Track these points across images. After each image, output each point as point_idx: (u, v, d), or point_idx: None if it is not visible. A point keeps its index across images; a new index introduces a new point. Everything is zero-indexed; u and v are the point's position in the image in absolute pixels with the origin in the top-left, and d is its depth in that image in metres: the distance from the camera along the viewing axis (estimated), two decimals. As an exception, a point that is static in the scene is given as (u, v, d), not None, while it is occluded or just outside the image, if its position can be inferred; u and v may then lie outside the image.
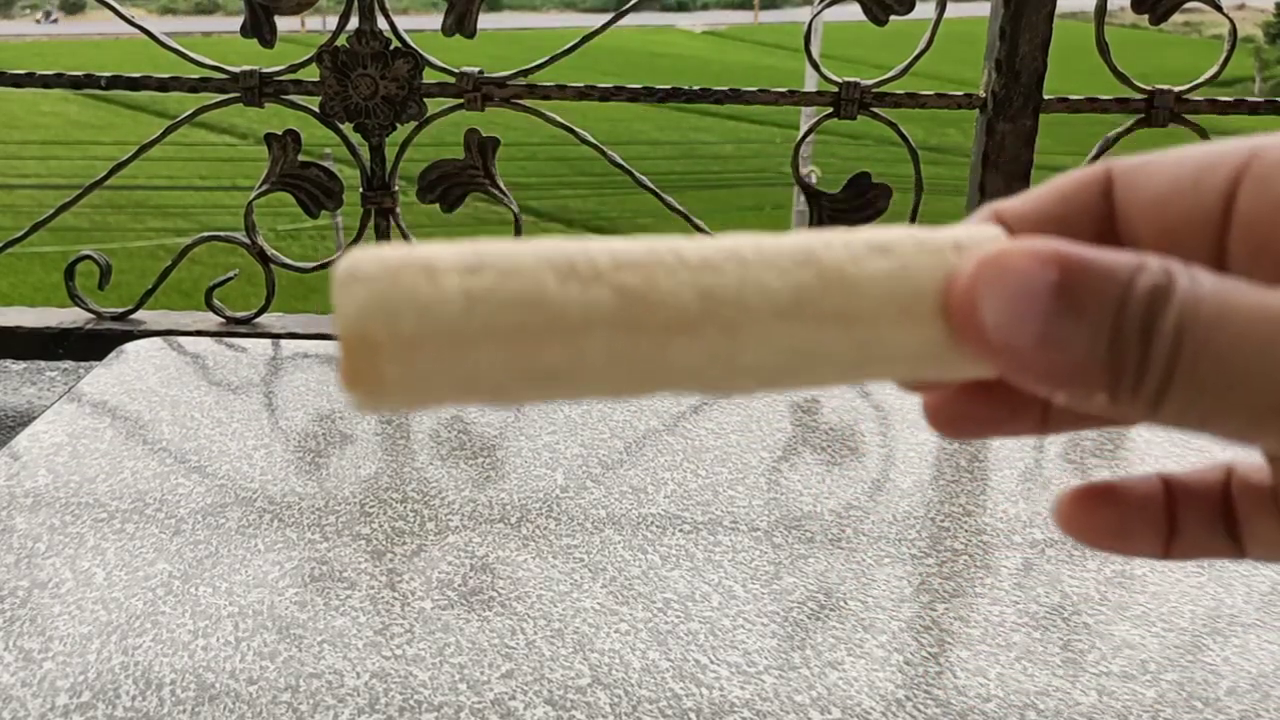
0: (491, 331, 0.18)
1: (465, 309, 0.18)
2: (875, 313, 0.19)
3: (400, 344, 0.19)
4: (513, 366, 0.18)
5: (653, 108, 14.65)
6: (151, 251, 10.68)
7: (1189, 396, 0.18)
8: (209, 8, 34.20)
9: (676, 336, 0.18)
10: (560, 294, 0.18)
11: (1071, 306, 0.18)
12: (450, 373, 0.18)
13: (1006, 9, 0.95)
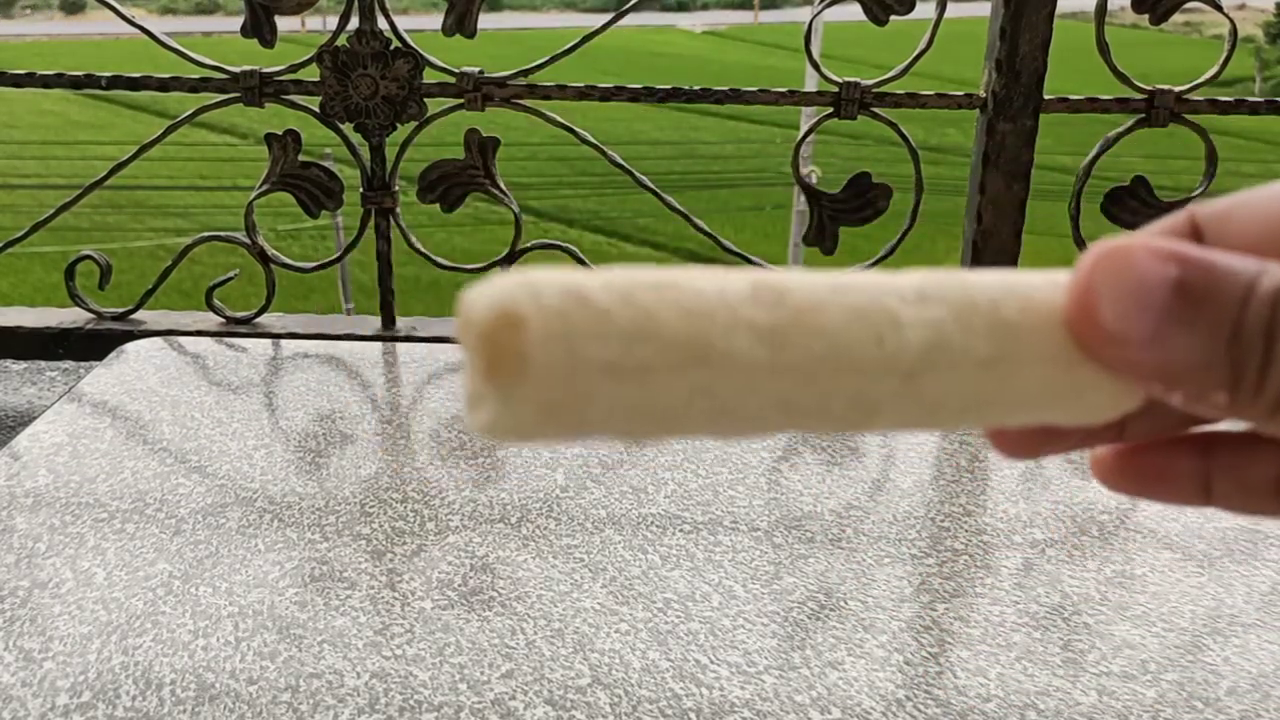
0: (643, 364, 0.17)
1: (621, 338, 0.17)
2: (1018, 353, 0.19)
3: (548, 319, 0.17)
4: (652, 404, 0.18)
5: (653, 108, 14.65)
6: (152, 251, 10.68)
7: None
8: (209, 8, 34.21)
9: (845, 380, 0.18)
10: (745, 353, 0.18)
11: (1191, 303, 0.17)
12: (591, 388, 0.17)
13: (1007, 9, 0.95)
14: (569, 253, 1.05)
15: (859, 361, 0.18)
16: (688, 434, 0.18)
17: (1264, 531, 0.66)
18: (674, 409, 0.18)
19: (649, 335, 0.17)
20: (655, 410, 0.18)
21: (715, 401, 0.18)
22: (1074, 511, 0.68)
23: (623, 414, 0.17)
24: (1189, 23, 23.37)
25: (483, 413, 0.18)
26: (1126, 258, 0.18)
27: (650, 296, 0.17)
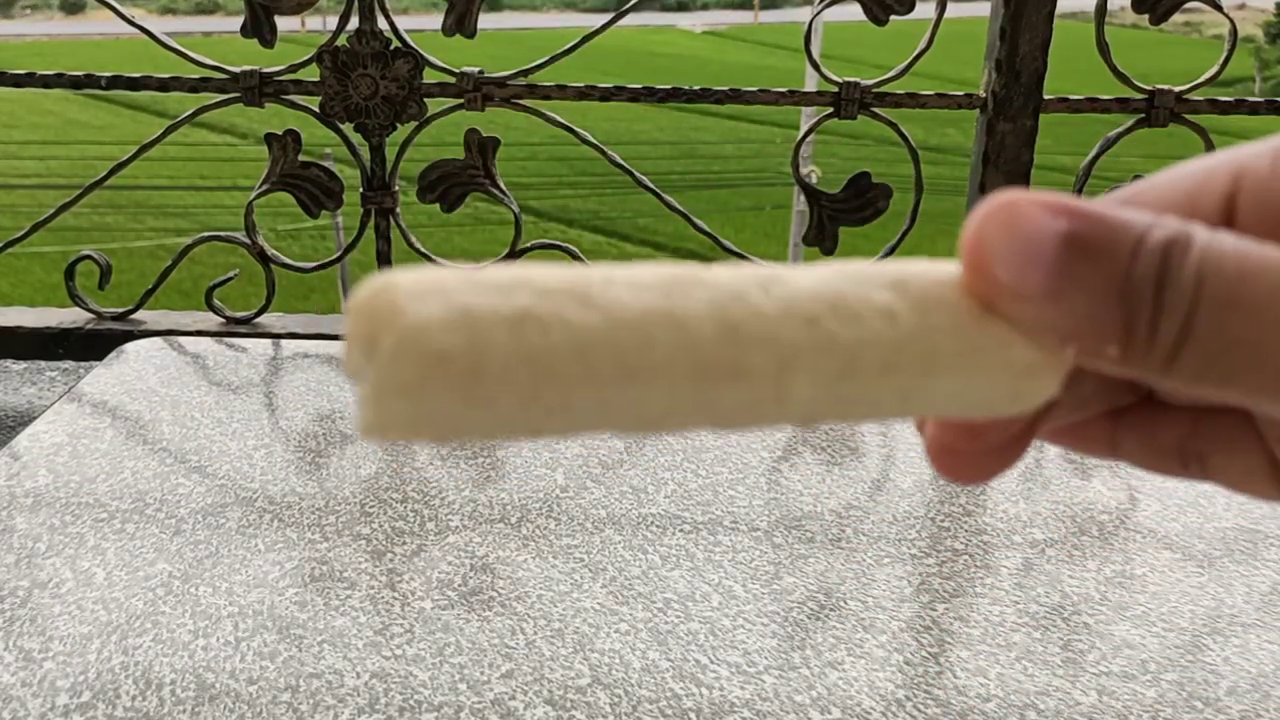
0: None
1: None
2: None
3: (419, 278, 0.17)
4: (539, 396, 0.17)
5: (653, 108, 14.65)
6: (151, 251, 10.68)
7: (1208, 354, 0.17)
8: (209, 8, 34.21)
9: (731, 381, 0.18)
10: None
11: (1081, 256, 0.18)
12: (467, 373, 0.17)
13: (1006, 9, 0.95)
14: (569, 253, 1.05)
15: (754, 308, 0.18)
16: (599, 409, 0.18)
17: (1264, 531, 0.66)
18: (574, 366, 0.17)
19: (523, 284, 0.17)
20: (556, 367, 0.17)
21: (617, 357, 0.17)
22: (1074, 511, 0.68)
23: (521, 372, 0.17)
24: (1189, 23, 23.37)
25: (367, 398, 0.17)
26: (1016, 211, 0.18)
27: (517, 268, 0.18)
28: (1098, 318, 0.18)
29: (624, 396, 0.17)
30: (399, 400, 0.17)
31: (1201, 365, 0.18)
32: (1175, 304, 0.17)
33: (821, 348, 0.18)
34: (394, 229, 1.03)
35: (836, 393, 0.18)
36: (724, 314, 0.18)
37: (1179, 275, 0.17)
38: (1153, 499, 0.70)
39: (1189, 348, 0.18)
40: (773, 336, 0.18)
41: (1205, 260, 0.17)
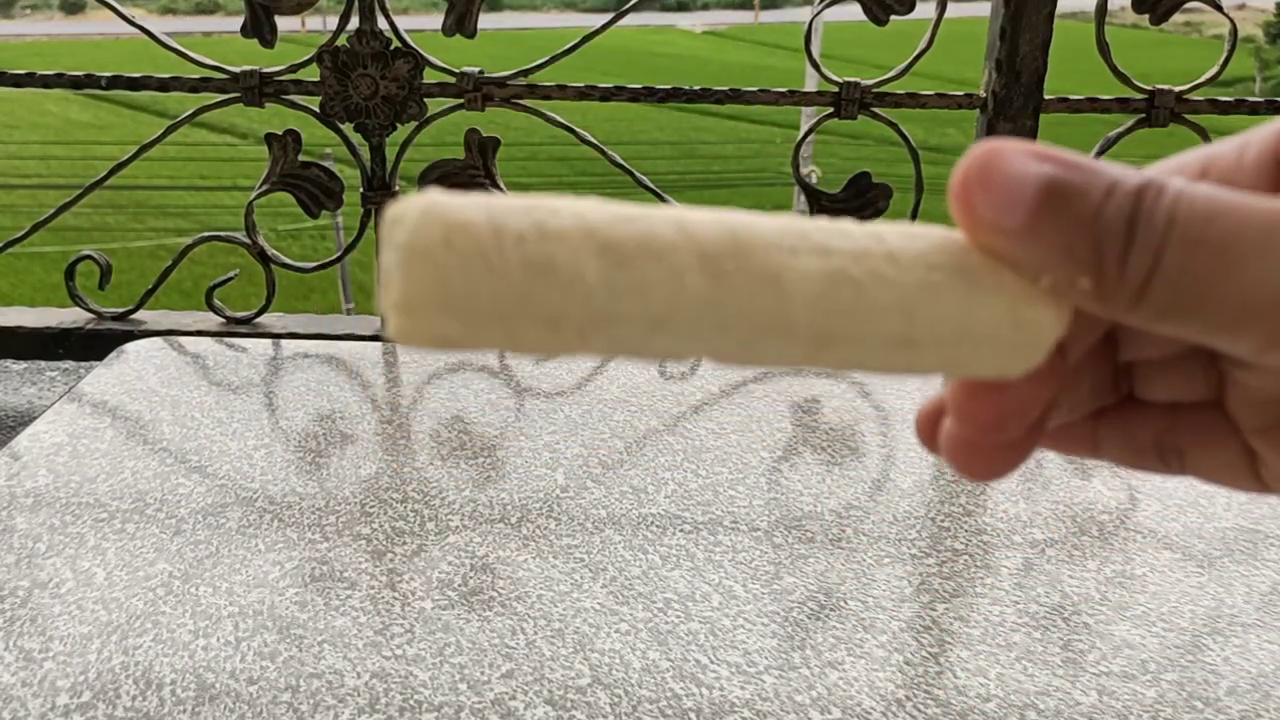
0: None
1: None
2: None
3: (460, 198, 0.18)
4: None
5: (653, 108, 14.64)
6: (152, 251, 10.68)
7: (1175, 289, 0.18)
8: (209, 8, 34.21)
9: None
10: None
11: (1060, 197, 0.19)
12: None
13: (1007, 9, 0.95)
14: (569, 253, 1.05)
15: (754, 223, 0.20)
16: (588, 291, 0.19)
17: (1264, 532, 0.66)
18: (577, 239, 0.18)
19: (539, 204, 0.19)
20: (562, 236, 0.18)
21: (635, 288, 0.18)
22: (1074, 512, 0.68)
23: (535, 239, 0.18)
24: (1189, 23, 23.36)
25: (397, 267, 0.18)
26: (1001, 155, 0.20)
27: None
28: (1072, 251, 0.19)
29: (632, 277, 0.18)
30: (425, 263, 0.18)
31: (1168, 299, 0.19)
32: (1146, 239, 0.18)
33: (818, 249, 0.19)
34: (394, 229, 1.03)
35: (836, 306, 0.19)
36: (727, 222, 0.19)
37: (1152, 213, 0.18)
38: (1153, 499, 0.70)
39: (1156, 281, 0.19)
40: (772, 241, 0.19)
41: (1178, 201, 0.18)
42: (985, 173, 0.20)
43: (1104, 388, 0.25)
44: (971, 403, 0.22)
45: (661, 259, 0.19)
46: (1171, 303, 0.19)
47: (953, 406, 0.23)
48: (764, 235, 0.20)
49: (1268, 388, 0.22)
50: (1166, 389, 0.24)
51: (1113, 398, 0.25)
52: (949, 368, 0.21)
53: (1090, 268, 0.19)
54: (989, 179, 0.20)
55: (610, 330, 0.19)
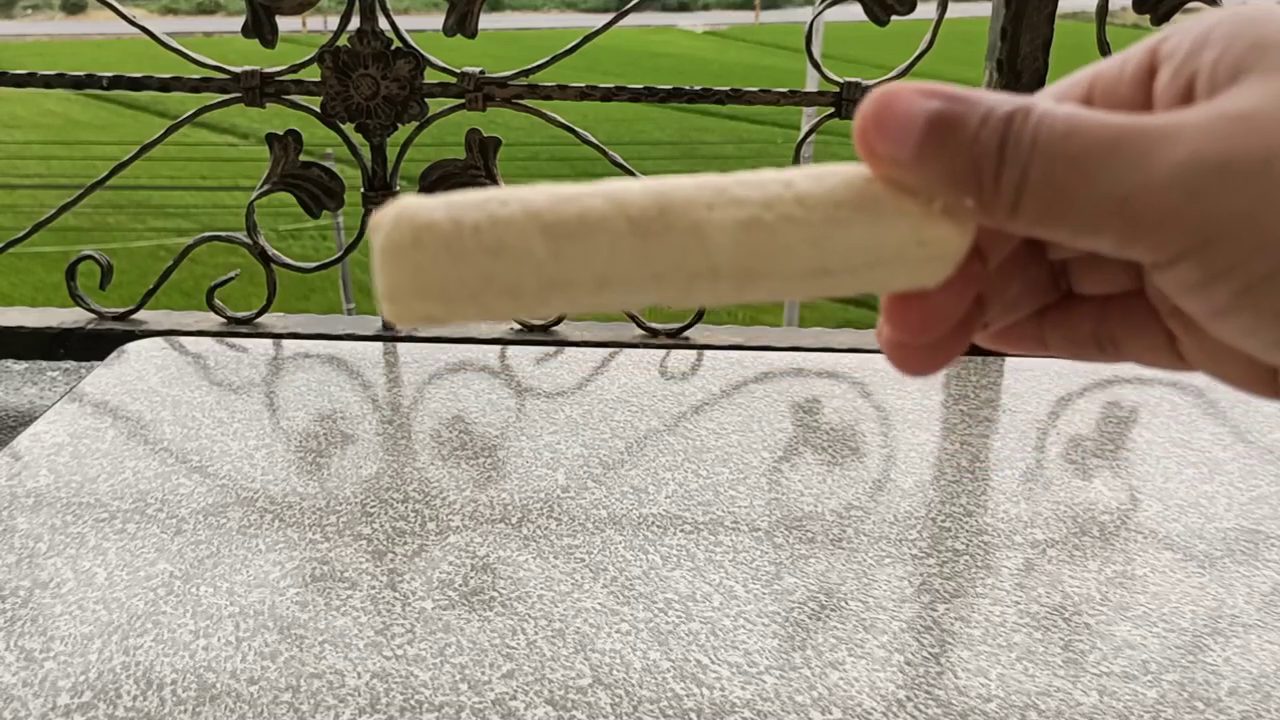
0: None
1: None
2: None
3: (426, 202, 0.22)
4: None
5: (654, 108, 14.63)
6: (152, 251, 10.68)
7: (1042, 199, 0.21)
8: (210, 8, 34.19)
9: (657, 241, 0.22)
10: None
11: (943, 128, 0.22)
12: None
13: (1007, 9, 0.95)
14: (570, 253, 1.05)
15: (674, 186, 0.22)
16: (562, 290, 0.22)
17: (1264, 532, 0.66)
18: (524, 223, 0.22)
19: (493, 196, 0.22)
20: (511, 223, 0.22)
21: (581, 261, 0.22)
22: (1074, 512, 0.68)
23: (489, 228, 0.21)
24: (1190, 23, 23.33)
25: (379, 262, 0.22)
26: (893, 95, 0.22)
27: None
28: (955, 175, 0.22)
29: (574, 248, 0.22)
30: (401, 260, 0.21)
31: (1038, 210, 0.21)
32: (1014, 158, 0.21)
33: (734, 201, 0.22)
34: (395, 229, 1.03)
35: (753, 249, 0.22)
36: (653, 189, 0.22)
37: (1019, 135, 0.21)
38: (1154, 499, 0.70)
39: (1026, 195, 0.21)
40: (692, 200, 0.22)
41: (1040, 122, 0.21)
42: (880, 112, 0.22)
43: (1042, 288, 0.28)
44: (899, 309, 0.25)
45: (596, 229, 0.22)
46: (1041, 212, 0.21)
47: (885, 312, 0.25)
48: (684, 195, 0.22)
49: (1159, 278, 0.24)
50: (1096, 283, 0.27)
51: (1054, 296, 0.28)
52: (867, 287, 0.24)
53: (971, 188, 0.21)
54: (883, 117, 0.22)
55: (563, 292, 0.22)
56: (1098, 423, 0.82)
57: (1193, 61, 0.22)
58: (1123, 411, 0.84)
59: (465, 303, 0.22)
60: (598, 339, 1.02)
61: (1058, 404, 0.85)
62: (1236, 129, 0.20)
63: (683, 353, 0.95)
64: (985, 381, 0.89)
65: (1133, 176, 0.20)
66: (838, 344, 1.01)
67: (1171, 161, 0.20)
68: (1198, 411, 0.83)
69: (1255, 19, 0.22)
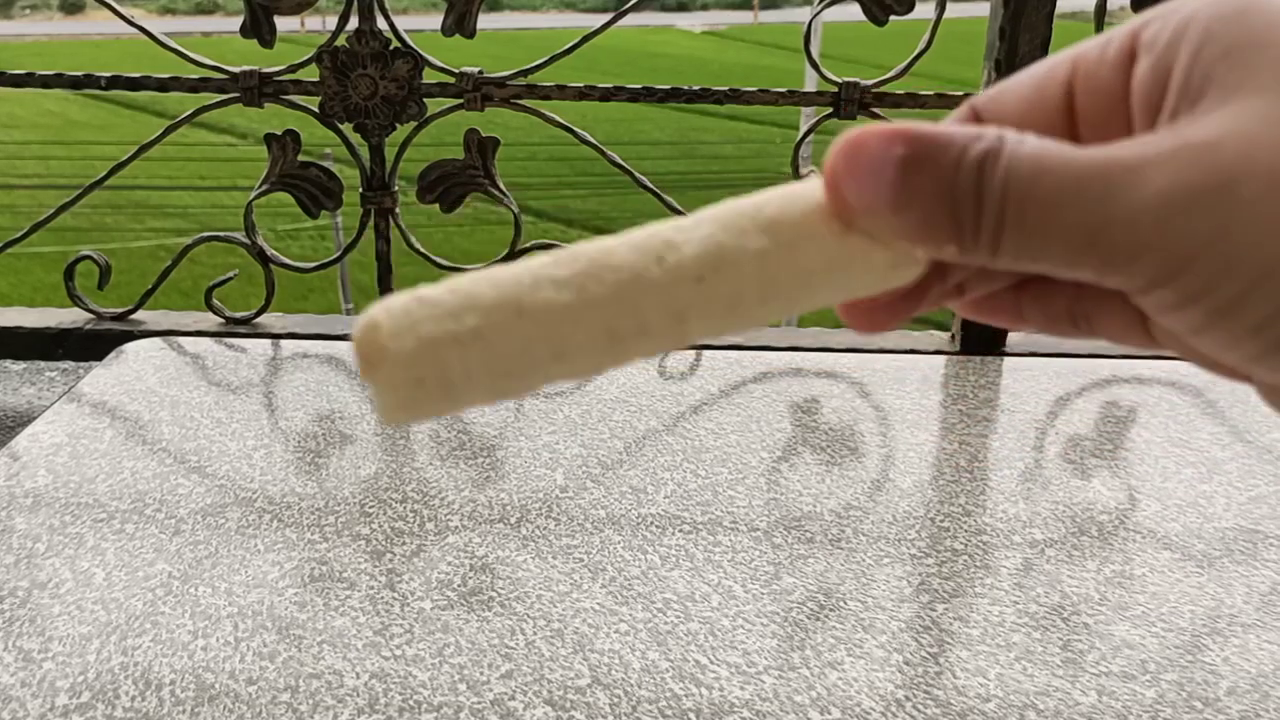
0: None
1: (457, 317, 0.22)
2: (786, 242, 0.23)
3: (394, 317, 0.22)
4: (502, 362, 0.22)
5: (653, 108, 14.64)
6: (151, 251, 10.67)
7: (1019, 240, 0.21)
8: (209, 8, 34.18)
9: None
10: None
11: (915, 173, 0.21)
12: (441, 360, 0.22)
13: (1006, 9, 0.95)
14: (569, 253, 1.05)
15: (651, 281, 0.22)
16: (544, 380, 0.22)
17: (1263, 531, 0.66)
18: (518, 360, 0.22)
19: (471, 307, 0.22)
20: (504, 364, 0.22)
21: (549, 346, 0.22)
22: (1073, 512, 0.68)
23: (480, 373, 0.22)
24: (1189, 23, 23.33)
25: (377, 404, 0.22)
26: (861, 143, 0.22)
27: (469, 281, 0.22)
28: (934, 223, 0.22)
29: (559, 369, 0.22)
30: (399, 411, 0.22)
31: (1017, 250, 0.22)
32: (989, 206, 0.21)
33: (708, 299, 0.22)
34: (393, 229, 1.03)
35: (726, 324, 0.23)
36: (626, 293, 0.22)
37: (991, 182, 0.21)
38: (1152, 499, 0.70)
39: (1005, 238, 0.21)
40: (669, 300, 0.22)
41: (1010, 166, 0.21)
42: (850, 162, 0.22)
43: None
44: None
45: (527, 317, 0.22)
46: (1020, 251, 0.22)
47: None
48: (618, 260, 0.23)
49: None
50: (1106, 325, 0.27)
51: None
52: (829, 302, 0.24)
53: (952, 235, 0.22)
54: (853, 167, 0.22)
55: (519, 378, 0.22)
56: (1096, 422, 0.82)
57: (1169, 55, 0.22)
58: (1121, 411, 0.84)
59: (461, 409, 0.23)
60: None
61: (1056, 404, 0.85)
62: (1200, 158, 0.21)
63: (681, 352, 0.95)
64: (984, 381, 0.89)
65: (1101, 212, 0.21)
66: (836, 344, 1.01)
67: (1138, 195, 0.21)
68: (1196, 411, 0.83)
69: (1236, 10, 0.22)
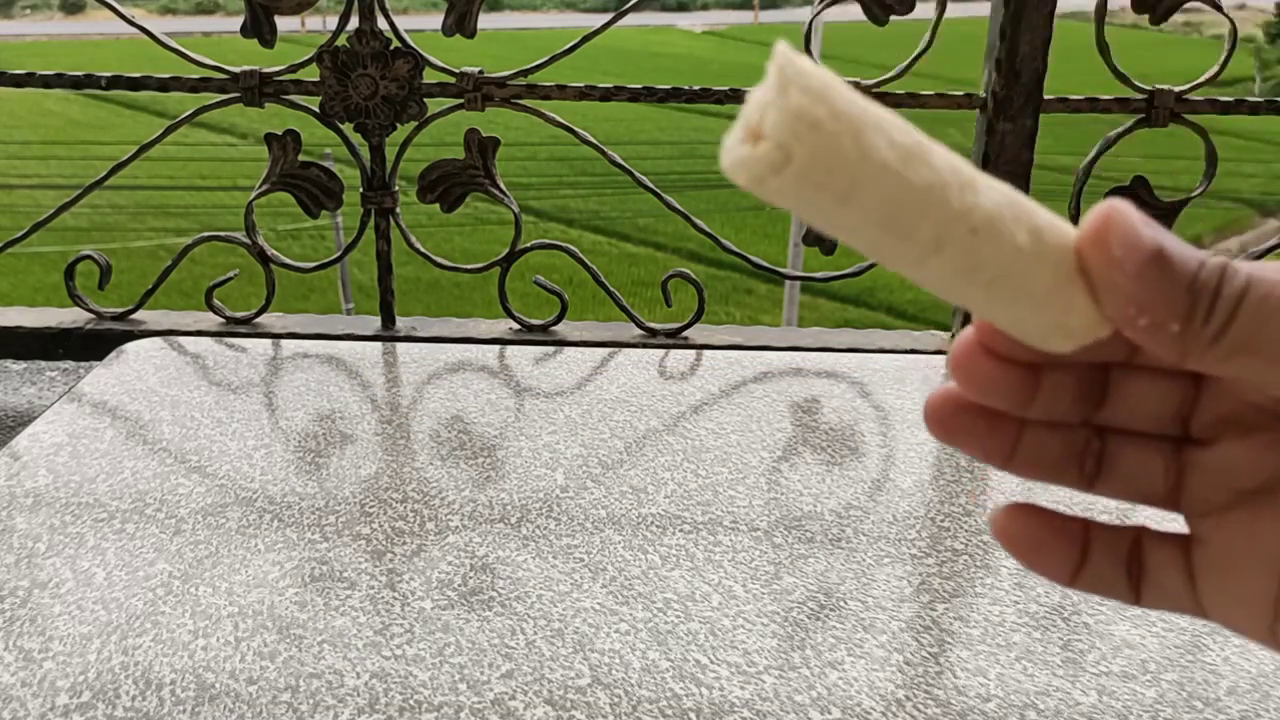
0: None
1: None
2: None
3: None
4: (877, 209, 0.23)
5: (653, 108, 14.64)
6: (152, 251, 10.68)
7: (1246, 331, 0.24)
8: (209, 8, 34.18)
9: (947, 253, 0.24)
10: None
11: (1164, 258, 0.24)
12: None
13: (1006, 9, 0.95)
14: (569, 253, 1.05)
15: (946, 198, 0.23)
16: (816, 212, 0.23)
17: (1264, 531, 0.66)
18: (825, 176, 0.22)
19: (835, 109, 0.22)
20: (818, 175, 0.22)
21: (845, 184, 0.22)
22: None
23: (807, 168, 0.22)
24: (1189, 23, 23.33)
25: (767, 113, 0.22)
26: (1132, 216, 0.25)
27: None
28: (1170, 301, 0.25)
29: (840, 213, 0.23)
30: (787, 129, 0.22)
31: (1239, 342, 0.24)
32: (1229, 296, 0.24)
33: (965, 248, 0.24)
34: (394, 229, 1.03)
35: (952, 280, 0.24)
36: (925, 196, 0.23)
37: (1233, 281, 0.25)
38: (1153, 499, 0.70)
39: (1233, 327, 0.24)
40: (943, 227, 0.23)
41: (1252, 275, 0.25)
42: (1120, 220, 0.25)
43: (1073, 455, 0.30)
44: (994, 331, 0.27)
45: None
46: (1243, 342, 0.24)
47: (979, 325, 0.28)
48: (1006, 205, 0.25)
49: (1233, 459, 0.27)
50: (1125, 479, 0.29)
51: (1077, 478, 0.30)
52: (998, 317, 0.26)
53: (1181, 315, 0.24)
54: (1120, 223, 0.25)
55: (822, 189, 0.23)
56: (1097, 422, 0.82)
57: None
58: (1122, 411, 0.84)
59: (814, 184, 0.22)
60: (596, 339, 1.02)
61: (1057, 404, 0.85)
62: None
63: (681, 353, 0.95)
64: (984, 381, 0.89)
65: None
66: (836, 344, 1.01)
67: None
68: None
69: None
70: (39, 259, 9.85)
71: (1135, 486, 0.29)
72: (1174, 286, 0.25)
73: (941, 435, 0.28)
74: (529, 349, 0.96)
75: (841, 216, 0.23)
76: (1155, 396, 0.29)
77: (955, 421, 0.28)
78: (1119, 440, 0.29)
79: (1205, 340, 0.25)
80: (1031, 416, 0.29)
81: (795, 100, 0.21)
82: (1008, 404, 0.28)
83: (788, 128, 0.21)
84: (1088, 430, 0.29)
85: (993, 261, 0.24)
